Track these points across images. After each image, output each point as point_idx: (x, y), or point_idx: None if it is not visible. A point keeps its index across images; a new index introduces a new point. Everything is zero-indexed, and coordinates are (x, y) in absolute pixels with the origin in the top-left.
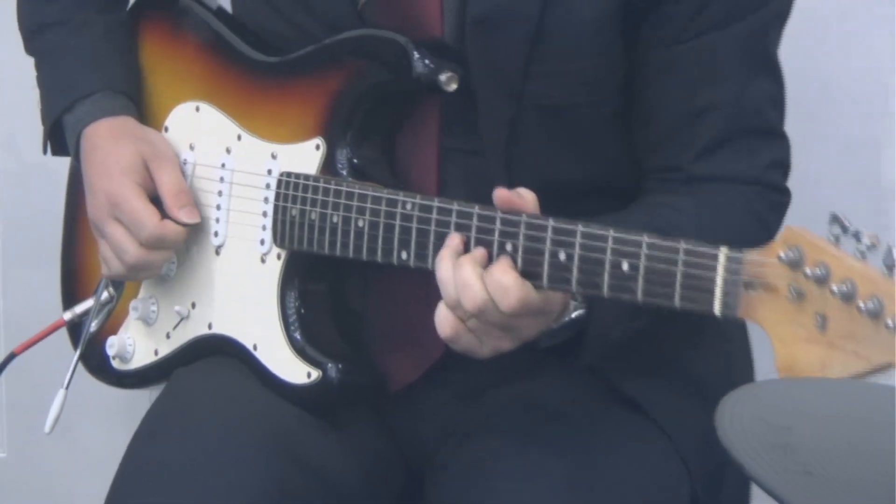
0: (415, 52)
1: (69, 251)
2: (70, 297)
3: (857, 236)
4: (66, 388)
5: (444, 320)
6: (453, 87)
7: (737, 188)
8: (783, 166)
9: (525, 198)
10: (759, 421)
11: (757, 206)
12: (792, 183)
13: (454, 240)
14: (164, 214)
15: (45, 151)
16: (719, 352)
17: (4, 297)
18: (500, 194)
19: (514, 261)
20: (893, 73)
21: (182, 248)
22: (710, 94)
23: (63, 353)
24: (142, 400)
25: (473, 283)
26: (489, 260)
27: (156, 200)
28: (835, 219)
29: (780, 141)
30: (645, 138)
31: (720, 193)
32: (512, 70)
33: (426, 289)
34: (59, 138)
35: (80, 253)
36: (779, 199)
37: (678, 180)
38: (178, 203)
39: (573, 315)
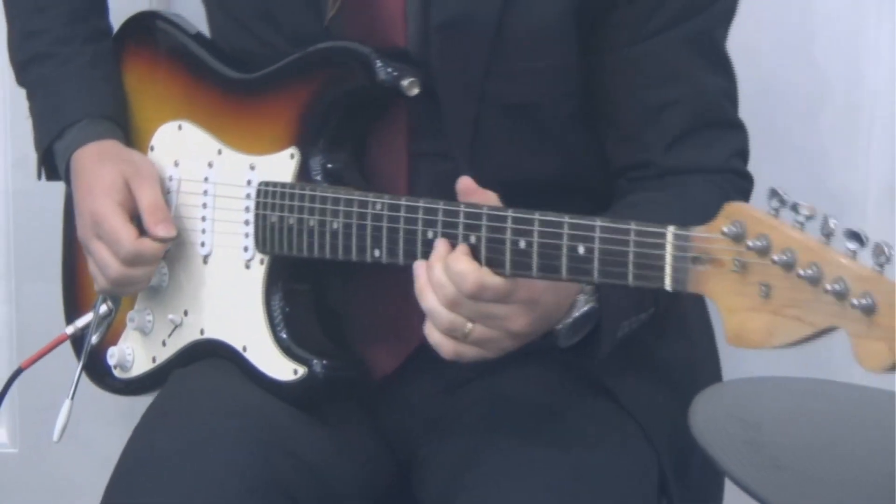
0: (377, 60)
1: (69, 269)
2: (71, 312)
3: (795, 208)
4: (72, 398)
5: (438, 343)
6: (415, 91)
7: (705, 177)
8: (744, 154)
9: (488, 194)
10: (730, 418)
11: (728, 190)
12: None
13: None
14: (144, 231)
15: (39, 177)
16: (682, 339)
17: (18, 309)
18: (466, 183)
19: (478, 250)
20: (857, 85)
21: (170, 259)
22: (670, 90)
23: (72, 358)
24: (146, 403)
25: (443, 282)
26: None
27: (138, 218)
28: (773, 193)
29: (738, 131)
30: (611, 136)
31: (691, 183)
32: (474, 71)
33: (401, 282)
34: (52, 164)
35: (79, 271)
36: (744, 185)
37: (650, 176)
38: (155, 219)
39: (584, 309)
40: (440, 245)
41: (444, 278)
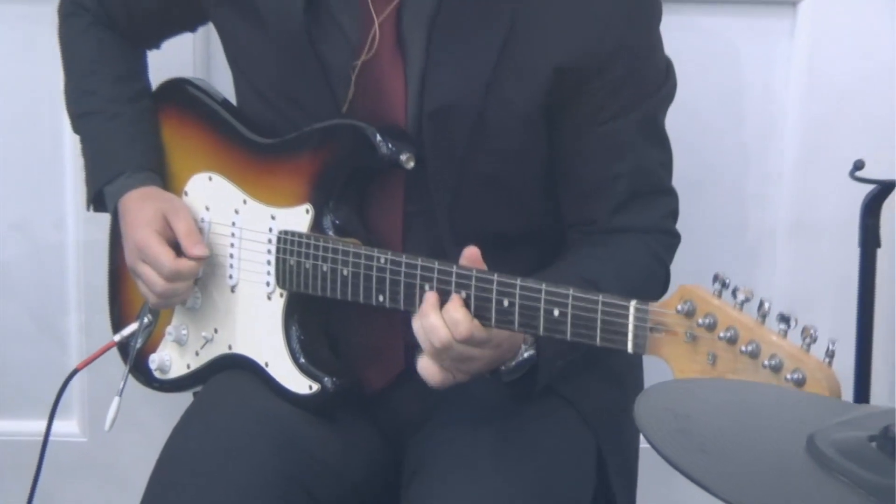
0: (378, 137)
1: (114, 288)
2: (117, 323)
3: (734, 292)
4: (121, 395)
5: (429, 373)
6: (411, 165)
7: (640, 236)
8: (674, 215)
9: (483, 266)
10: (665, 411)
11: (656, 249)
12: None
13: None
14: (180, 254)
15: (88, 209)
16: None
17: (87, 335)
18: (471, 251)
19: (468, 305)
20: (770, 132)
21: (203, 286)
22: (619, 165)
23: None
24: None
25: (438, 326)
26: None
27: (175, 245)
28: (716, 277)
29: (671, 196)
30: (568, 197)
31: (629, 241)
32: (457, 149)
33: (389, 319)
34: (101, 201)
35: (122, 288)
36: (671, 241)
37: (597, 231)
38: (192, 242)
39: (525, 356)
40: (431, 296)
41: (440, 322)
